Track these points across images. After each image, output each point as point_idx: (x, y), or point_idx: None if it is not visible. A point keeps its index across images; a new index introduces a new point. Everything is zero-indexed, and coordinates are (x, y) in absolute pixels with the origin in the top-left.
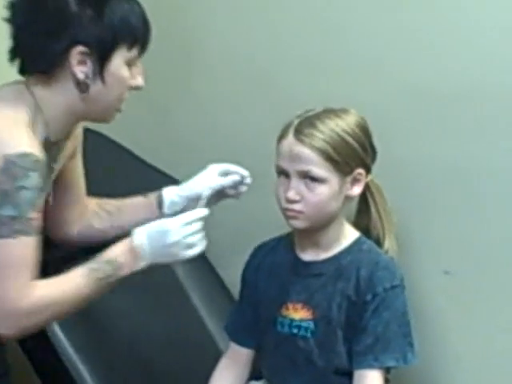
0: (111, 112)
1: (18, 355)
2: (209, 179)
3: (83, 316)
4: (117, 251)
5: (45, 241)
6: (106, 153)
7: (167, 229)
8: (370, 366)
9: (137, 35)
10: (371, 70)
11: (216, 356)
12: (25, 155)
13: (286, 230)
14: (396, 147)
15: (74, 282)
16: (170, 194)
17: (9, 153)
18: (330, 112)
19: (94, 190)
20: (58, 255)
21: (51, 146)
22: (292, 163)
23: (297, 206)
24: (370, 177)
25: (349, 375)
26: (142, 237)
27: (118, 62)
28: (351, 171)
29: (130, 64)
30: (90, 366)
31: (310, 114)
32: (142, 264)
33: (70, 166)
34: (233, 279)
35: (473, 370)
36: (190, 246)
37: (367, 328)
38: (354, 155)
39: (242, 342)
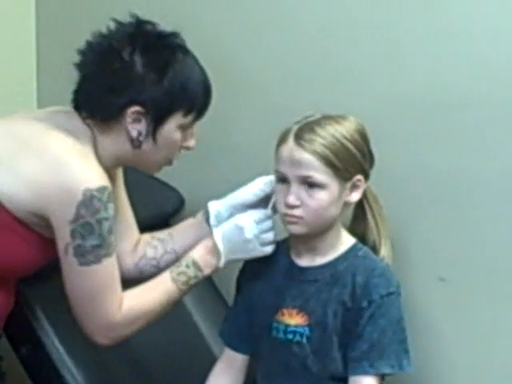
0: (157, 167)
1: (12, 361)
2: (253, 187)
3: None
4: (197, 253)
5: None
6: None
7: (242, 226)
8: (366, 373)
9: (194, 104)
10: (365, 78)
11: (210, 361)
12: (103, 189)
13: (282, 235)
14: (391, 154)
15: (161, 288)
16: (215, 205)
17: (88, 187)
18: (329, 118)
19: None
20: None
21: None
22: (292, 168)
23: (296, 212)
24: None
25: (344, 381)
26: (218, 236)
27: (172, 126)
28: (351, 177)
29: (184, 128)
30: (83, 369)
31: (310, 119)
32: (221, 262)
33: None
34: (227, 284)
35: (467, 377)
36: (265, 244)
37: (363, 334)
38: (353, 161)
39: (236, 348)
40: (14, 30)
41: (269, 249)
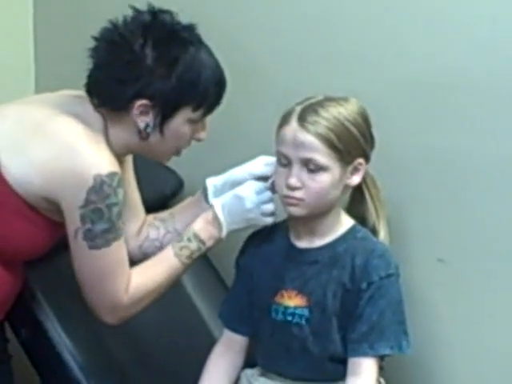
0: (166, 157)
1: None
2: (252, 166)
3: (76, 303)
4: (198, 226)
5: None
6: None
7: (241, 195)
8: (365, 354)
9: (204, 99)
10: (366, 61)
11: (210, 343)
12: (113, 174)
13: (280, 218)
14: (390, 137)
15: (164, 265)
16: (213, 181)
17: (99, 173)
18: (332, 100)
19: None
20: None
21: None
22: (295, 150)
23: (298, 194)
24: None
25: (343, 362)
26: (218, 207)
27: (180, 120)
28: (352, 160)
29: (193, 121)
30: (83, 351)
31: (312, 101)
32: (222, 233)
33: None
34: (226, 266)
35: (466, 359)
36: (265, 214)
37: (362, 316)
38: (355, 144)
39: (236, 330)
40: (11, 22)
41: (270, 219)
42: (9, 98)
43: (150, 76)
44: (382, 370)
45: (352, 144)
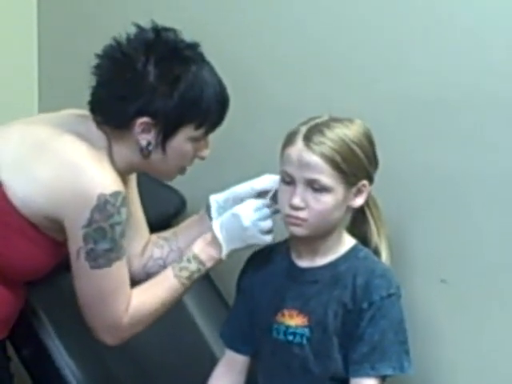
0: (170, 176)
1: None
2: (256, 182)
3: (78, 322)
4: (197, 247)
5: None
6: None
7: (238, 213)
8: (367, 375)
9: (206, 118)
10: (366, 78)
11: (212, 363)
12: (117, 193)
13: (282, 237)
14: (391, 156)
15: (164, 286)
16: (216, 197)
17: (103, 192)
18: (337, 121)
19: None
20: None
21: None
22: (300, 170)
23: (301, 214)
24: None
25: (345, 382)
26: (217, 227)
27: (182, 138)
28: (356, 182)
29: (195, 139)
30: (84, 371)
31: (318, 121)
32: (222, 254)
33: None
34: (228, 286)
35: (467, 379)
36: (263, 231)
37: (364, 336)
38: (360, 166)
39: (237, 349)
40: (15, 40)
41: (269, 237)
42: (12, 116)
43: (151, 94)
44: None
45: (357, 166)
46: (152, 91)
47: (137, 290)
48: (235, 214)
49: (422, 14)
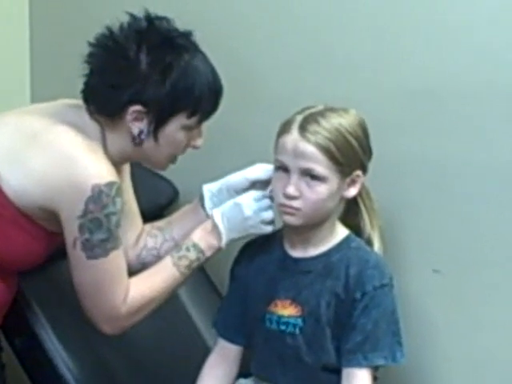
0: (162, 165)
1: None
2: (249, 172)
3: (71, 312)
4: (197, 235)
5: None
6: None
7: (240, 203)
8: (359, 365)
9: (198, 106)
10: (362, 69)
11: (205, 353)
12: (111, 184)
13: (275, 228)
14: (385, 146)
15: (163, 275)
16: (209, 187)
17: (97, 182)
18: (332, 111)
19: None
20: None
21: None
22: (295, 159)
23: (295, 203)
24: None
25: (337, 372)
26: (218, 215)
27: (174, 126)
28: (350, 172)
29: (188, 128)
30: (77, 360)
31: (313, 110)
32: (222, 242)
33: None
34: (221, 277)
35: (461, 369)
36: (264, 222)
37: (356, 326)
38: (355, 157)
39: (230, 339)
40: (7, 27)
41: (269, 228)
42: (5, 106)
43: (143, 82)
44: (376, 380)
45: (351, 156)
46: (144, 79)
47: (135, 279)
48: (237, 204)
49: (419, 5)
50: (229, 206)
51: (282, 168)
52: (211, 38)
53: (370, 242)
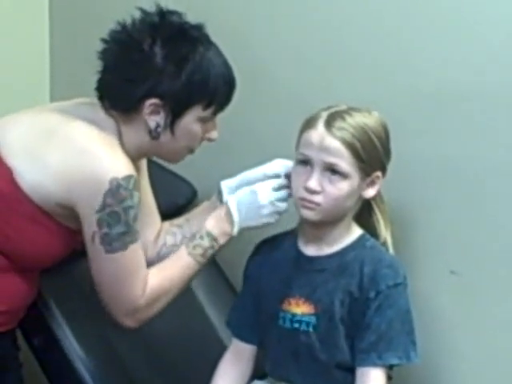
0: (179, 157)
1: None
2: (267, 167)
3: (88, 311)
4: (210, 223)
5: None
6: None
7: (255, 190)
8: (374, 364)
9: (214, 98)
10: (377, 70)
11: (221, 350)
12: (129, 177)
13: (290, 227)
14: (401, 146)
15: (179, 265)
16: (227, 183)
17: (115, 176)
18: (356, 110)
19: None
20: None
21: None
22: (319, 153)
23: (316, 198)
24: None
25: (351, 370)
26: (233, 202)
27: (191, 118)
28: (371, 172)
29: (204, 120)
30: (95, 360)
31: (337, 108)
32: (235, 230)
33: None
34: (237, 274)
35: (476, 369)
36: (279, 212)
37: (370, 325)
38: (377, 157)
39: (244, 338)
40: (27, 27)
41: (275, 218)
42: (23, 104)
43: (159, 75)
44: (390, 379)
45: (374, 155)
46: (159, 72)
47: (152, 270)
48: (253, 191)
49: (433, 7)
50: (244, 193)
51: (304, 162)
52: (227, 35)
53: (385, 245)
